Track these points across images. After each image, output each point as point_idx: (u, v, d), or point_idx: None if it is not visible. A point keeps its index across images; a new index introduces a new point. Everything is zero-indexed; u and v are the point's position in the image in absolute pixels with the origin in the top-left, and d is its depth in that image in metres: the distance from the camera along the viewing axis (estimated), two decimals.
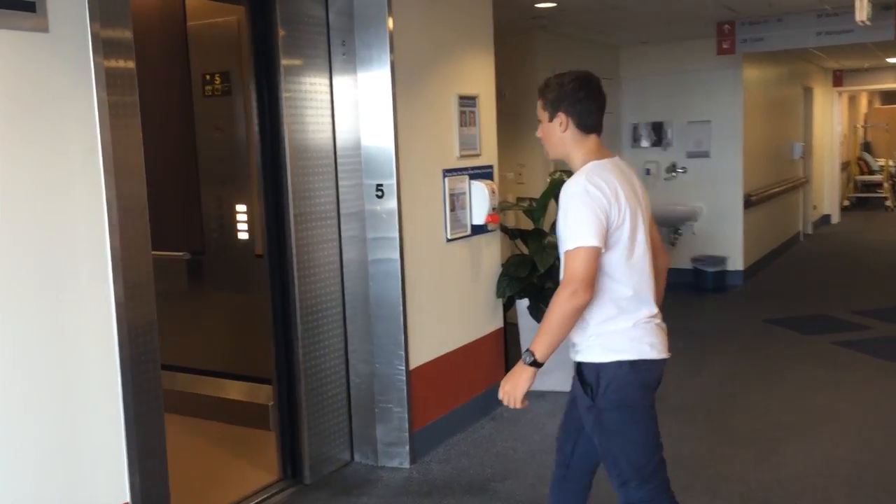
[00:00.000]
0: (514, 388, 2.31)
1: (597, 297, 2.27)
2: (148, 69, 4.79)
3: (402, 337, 3.96)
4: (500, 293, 4.84)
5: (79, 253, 2.46)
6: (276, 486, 3.83)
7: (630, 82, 8.60)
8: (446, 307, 4.35)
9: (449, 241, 4.31)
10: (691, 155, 8.41)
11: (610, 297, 2.30)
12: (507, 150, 6.89)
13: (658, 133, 8.52)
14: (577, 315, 2.23)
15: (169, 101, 4.77)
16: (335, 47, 3.89)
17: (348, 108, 3.91)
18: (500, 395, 2.35)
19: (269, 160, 3.82)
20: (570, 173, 5.19)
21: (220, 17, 4.47)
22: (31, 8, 2.27)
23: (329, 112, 3.93)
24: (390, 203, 3.90)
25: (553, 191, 5.06)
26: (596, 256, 2.21)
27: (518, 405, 2.33)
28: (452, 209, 4.32)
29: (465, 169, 4.43)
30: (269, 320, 3.92)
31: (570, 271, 2.21)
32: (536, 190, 5.94)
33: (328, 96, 3.91)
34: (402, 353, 3.97)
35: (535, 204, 5.15)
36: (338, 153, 3.95)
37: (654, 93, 8.51)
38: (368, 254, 3.97)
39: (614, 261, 2.29)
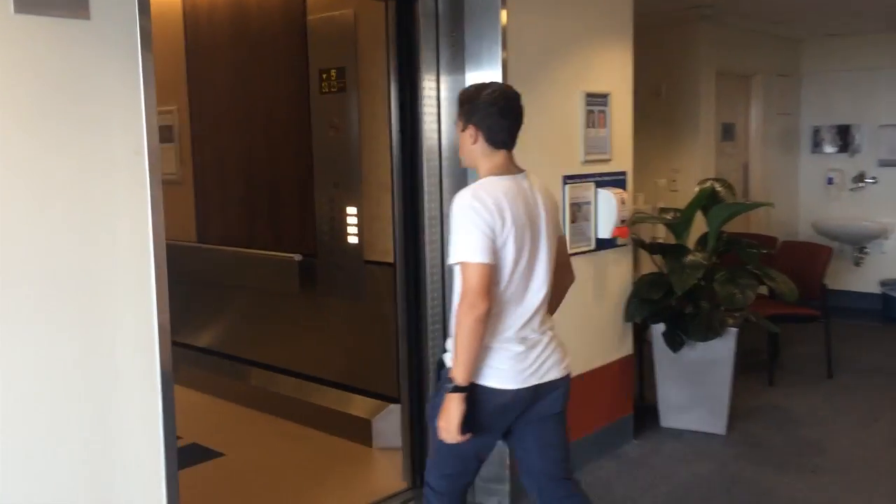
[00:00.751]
0: (447, 421, 2.27)
1: None
2: (268, 65, 4.74)
3: None
4: (629, 316, 4.30)
5: (120, 264, 2.27)
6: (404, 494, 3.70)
7: (812, 80, 7.63)
8: (563, 329, 3.88)
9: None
10: (884, 163, 7.32)
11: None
12: (661, 154, 6.28)
13: (844, 137, 7.49)
14: (481, 326, 2.23)
15: (287, 99, 4.65)
16: (443, 40, 3.55)
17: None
18: (440, 434, 2.30)
19: (402, 161, 3.64)
20: (723, 182, 4.55)
21: (336, 9, 4.27)
22: None
23: (435, 110, 3.60)
24: None
25: (699, 202, 4.46)
26: (485, 271, 2.24)
27: (457, 439, 2.28)
28: (574, 220, 3.85)
29: (591, 176, 3.95)
30: (399, 331, 3.71)
31: (465, 285, 2.24)
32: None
33: (435, 92, 3.59)
34: None
35: (678, 216, 4.56)
36: (442, 154, 3.61)
37: (841, 92, 7.48)
38: None
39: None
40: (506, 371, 2.35)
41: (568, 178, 3.82)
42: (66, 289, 2.16)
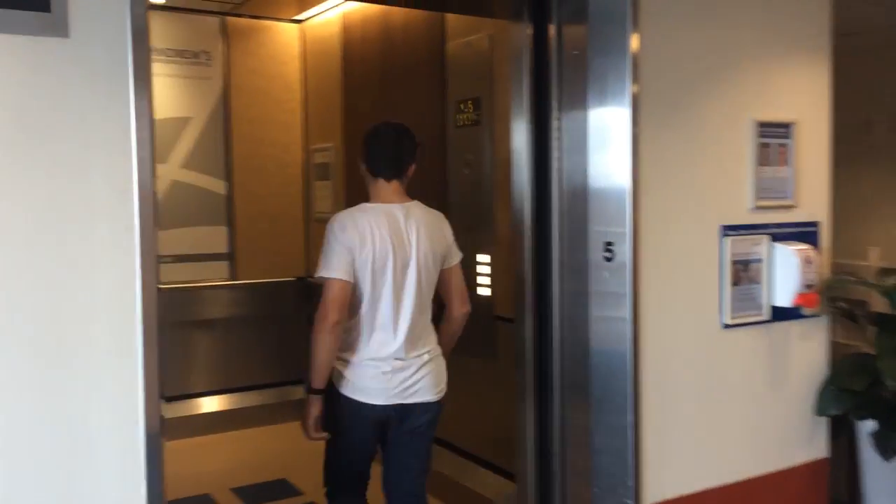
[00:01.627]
0: (303, 419, 2.59)
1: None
2: (410, 96, 4.42)
3: (630, 456, 2.84)
4: (821, 409, 3.34)
5: (99, 320, 1.95)
6: None
7: None
8: (716, 420, 3.07)
9: (727, 327, 3.04)
10: None
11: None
12: (878, 200, 5.07)
13: None
14: (328, 337, 2.48)
15: (427, 133, 4.29)
16: (566, 71, 2.99)
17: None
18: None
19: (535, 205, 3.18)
20: None
21: (472, 34, 3.84)
22: (43, 7, 1.84)
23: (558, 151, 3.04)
24: (621, 265, 2.82)
25: None
26: (337, 285, 2.49)
27: (312, 435, 2.59)
28: (736, 282, 3.04)
29: (764, 226, 3.10)
30: (519, 397, 3.21)
31: (322, 298, 2.48)
32: None
33: (558, 131, 3.04)
34: (630, 481, 2.85)
35: None
36: (564, 198, 3.03)
37: None
38: (590, 333, 2.94)
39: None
40: (368, 388, 2.58)
41: (728, 229, 3.03)
42: (33, 349, 1.87)
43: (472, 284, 3.89)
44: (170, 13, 5.06)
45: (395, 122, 2.77)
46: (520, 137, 3.17)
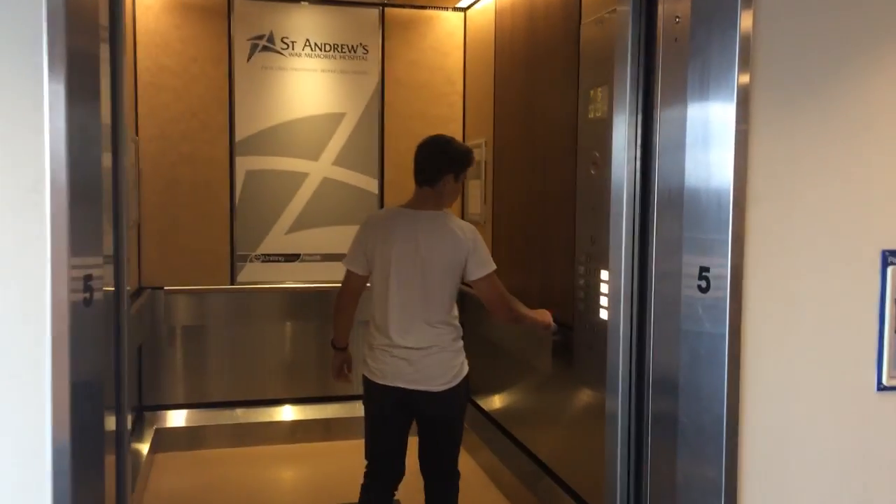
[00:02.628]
0: (330, 367, 3.31)
1: None
2: (545, 85, 3.93)
3: None
4: None
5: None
6: None
7: None
8: None
9: (884, 389, 2.24)
10: None
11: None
12: None
13: None
14: (339, 315, 3.20)
15: (559, 127, 3.78)
16: (666, 58, 2.37)
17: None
18: None
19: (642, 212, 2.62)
20: None
21: (606, 9, 3.27)
22: None
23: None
24: (717, 300, 2.16)
25: None
26: (349, 275, 3.12)
27: (336, 378, 3.28)
28: None
29: None
30: (611, 436, 2.68)
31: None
32: None
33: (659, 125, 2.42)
34: None
35: None
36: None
37: None
38: (679, 383, 2.31)
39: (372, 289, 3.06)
40: (374, 369, 3.02)
41: (892, 255, 2.23)
42: None
43: (595, 304, 3.38)
44: (327, 7, 4.99)
45: (440, 136, 3.15)
46: (620, 133, 2.60)
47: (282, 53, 4.92)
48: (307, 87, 4.98)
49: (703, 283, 2.19)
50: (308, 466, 4.63)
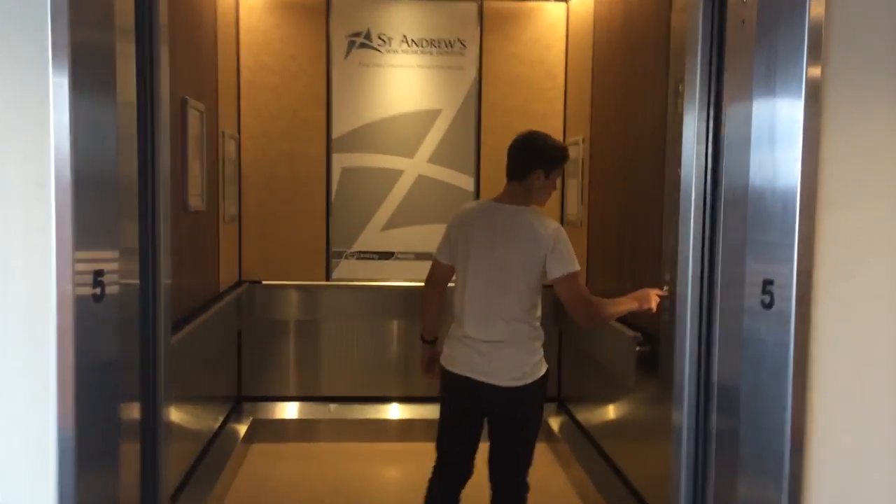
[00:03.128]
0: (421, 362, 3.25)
1: None
2: (637, 78, 3.70)
3: None
4: None
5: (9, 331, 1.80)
6: None
7: None
8: None
9: None
10: None
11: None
12: None
13: None
14: (425, 303, 3.17)
15: (646, 126, 3.55)
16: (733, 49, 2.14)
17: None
18: None
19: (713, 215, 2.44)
20: None
21: None
22: None
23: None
24: (781, 316, 1.92)
25: None
26: (434, 264, 3.13)
27: (425, 373, 3.21)
28: None
29: None
30: (682, 456, 2.50)
31: None
32: None
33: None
34: None
35: None
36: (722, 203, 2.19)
37: None
38: (740, 405, 2.07)
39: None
40: (448, 355, 3.02)
41: None
42: None
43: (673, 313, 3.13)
44: (425, 2, 4.95)
45: (534, 131, 3.08)
46: (689, 128, 2.39)
47: (378, 50, 4.92)
48: (403, 83, 4.95)
49: (767, 298, 1.96)
50: (402, 465, 4.60)
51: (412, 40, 4.94)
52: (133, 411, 2.04)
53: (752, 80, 2.05)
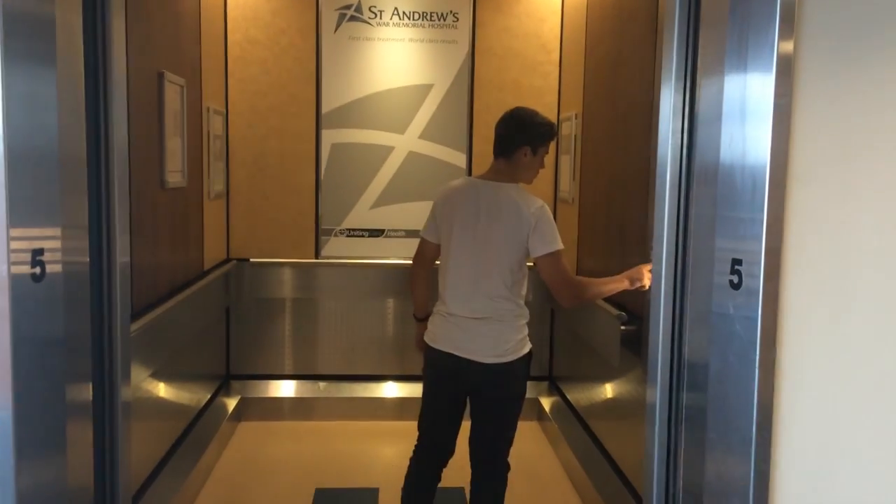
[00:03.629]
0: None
1: None
2: (627, 51, 3.61)
3: None
4: None
5: None
6: None
7: None
8: None
9: None
10: None
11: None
12: None
13: None
14: (413, 280, 3.22)
15: (634, 101, 3.47)
16: (707, 21, 2.06)
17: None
18: None
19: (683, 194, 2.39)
20: None
21: None
22: None
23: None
24: (749, 295, 1.86)
25: None
26: (421, 242, 3.14)
27: (420, 349, 3.13)
28: None
29: None
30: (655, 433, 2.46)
31: None
32: None
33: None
34: None
35: None
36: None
37: None
38: (707, 394, 2.02)
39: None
40: (432, 332, 3.02)
41: None
42: None
43: None
44: None
45: (522, 108, 3.07)
46: (665, 102, 2.32)
47: (369, 23, 4.84)
48: (394, 57, 4.87)
49: (735, 279, 1.90)
50: (396, 444, 4.58)
51: (404, 13, 4.85)
52: (83, 392, 2.00)
53: (725, 53, 1.98)
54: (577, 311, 4.29)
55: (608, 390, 3.85)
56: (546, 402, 4.85)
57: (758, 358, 1.84)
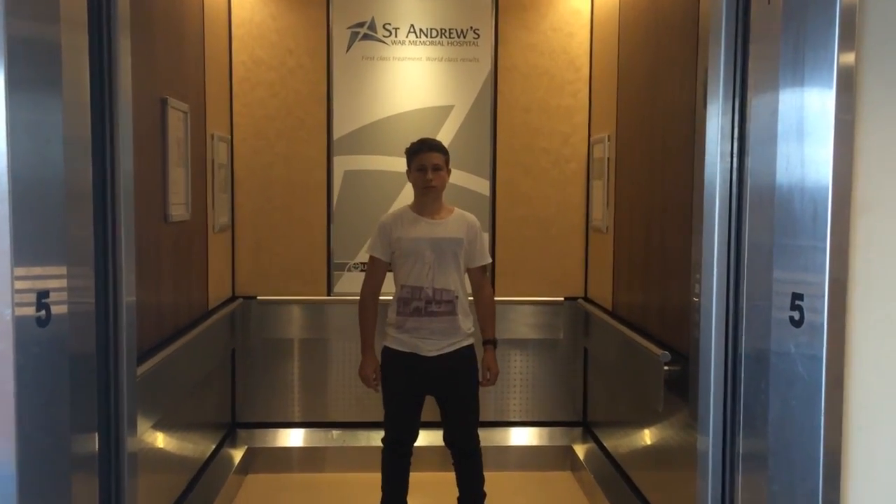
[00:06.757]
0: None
1: None
2: (660, 65, 3.64)
3: None
4: None
5: None
6: None
7: None
8: None
9: None
10: None
11: None
12: None
13: None
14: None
15: (674, 119, 3.48)
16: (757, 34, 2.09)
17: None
18: (491, 383, 3.93)
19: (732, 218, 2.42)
20: None
21: None
22: None
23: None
24: (813, 331, 1.85)
25: None
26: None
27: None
28: None
29: None
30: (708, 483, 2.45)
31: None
32: None
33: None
34: None
35: None
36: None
37: None
38: (767, 433, 2.00)
39: None
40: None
41: None
42: None
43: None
44: None
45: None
46: (713, 122, 2.34)
47: (384, 41, 4.91)
48: (411, 78, 4.93)
49: (797, 315, 1.89)
50: (416, 498, 4.53)
51: (421, 30, 4.92)
52: (90, 444, 2.01)
53: (779, 68, 1.99)
54: (614, 349, 4.27)
55: (651, 436, 3.82)
56: (580, 450, 4.81)
57: (823, 401, 1.83)
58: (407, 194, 4.96)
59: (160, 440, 3.54)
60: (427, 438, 4.38)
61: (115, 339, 2.16)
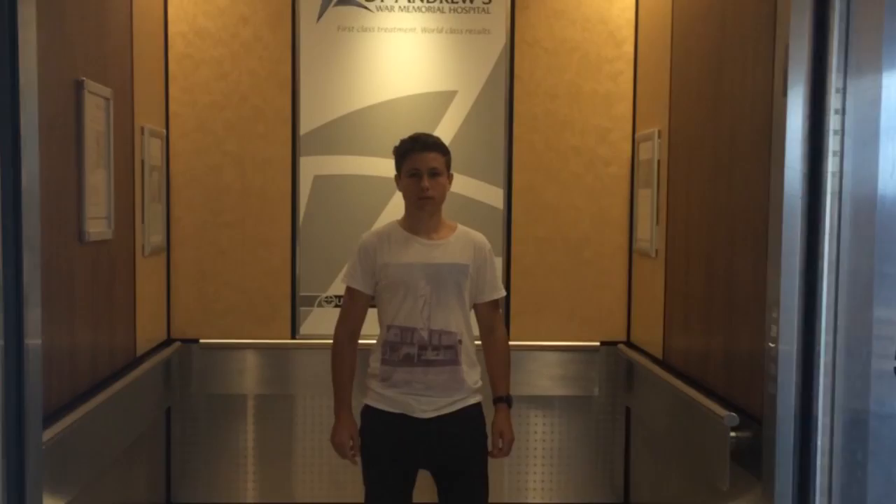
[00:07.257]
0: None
1: None
2: (728, 48, 3.69)
3: None
4: None
5: None
6: None
7: None
8: None
9: None
10: None
11: None
12: None
13: None
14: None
15: (745, 114, 3.53)
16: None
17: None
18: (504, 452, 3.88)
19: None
20: None
21: None
22: None
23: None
24: None
25: None
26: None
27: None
28: None
29: None
30: None
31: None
32: None
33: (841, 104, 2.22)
34: None
35: None
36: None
37: None
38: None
39: None
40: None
41: None
42: None
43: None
44: None
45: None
46: (794, 119, 2.38)
47: (366, 7, 4.97)
48: (402, 54, 4.99)
49: None
50: None
51: None
52: None
53: (882, 43, 2.03)
54: (664, 409, 4.28)
55: None
56: None
57: None
58: (396, 207, 5.00)
59: None
60: None
61: (16, 395, 2.18)
